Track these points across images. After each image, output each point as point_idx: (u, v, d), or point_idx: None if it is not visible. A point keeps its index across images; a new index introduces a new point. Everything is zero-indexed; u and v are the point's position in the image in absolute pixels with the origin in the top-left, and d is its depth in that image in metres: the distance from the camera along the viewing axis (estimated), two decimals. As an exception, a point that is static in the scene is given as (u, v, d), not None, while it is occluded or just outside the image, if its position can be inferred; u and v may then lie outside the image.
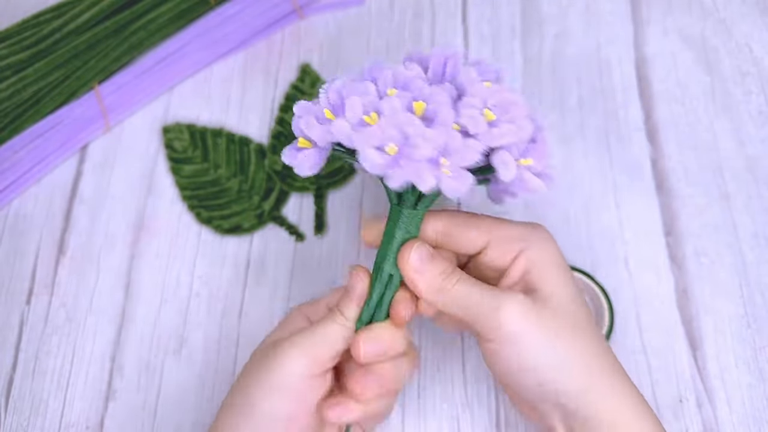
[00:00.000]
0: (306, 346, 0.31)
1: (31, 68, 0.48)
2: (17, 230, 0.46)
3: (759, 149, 0.47)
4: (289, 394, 0.31)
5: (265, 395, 0.31)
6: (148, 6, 0.51)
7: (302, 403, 0.32)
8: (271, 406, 0.31)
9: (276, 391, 0.31)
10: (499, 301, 0.31)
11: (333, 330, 0.32)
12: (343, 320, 0.32)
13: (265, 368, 0.32)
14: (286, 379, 0.31)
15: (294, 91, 0.49)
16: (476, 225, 0.33)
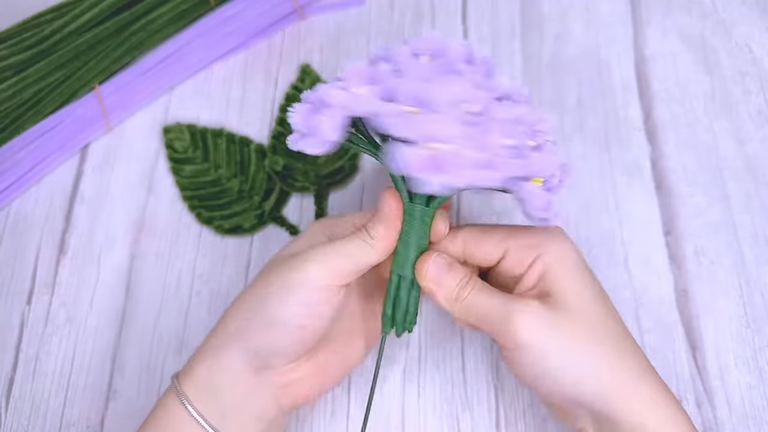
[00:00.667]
0: (329, 257, 0.31)
1: (31, 68, 0.48)
2: (18, 230, 0.46)
3: (758, 149, 0.47)
4: (305, 302, 0.31)
5: (282, 300, 0.31)
6: (148, 6, 0.51)
7: (315, 313, 0.31)
8: (285, 312, 0.31)
9: (292, 296, 0.31)
10: (511, 310, 0.31)
11: (357, 246, 0.32)
12: (369, 239, 0.32)
13: (284, 273, 0.31)
14: (303, 286, 0.31)
15: (294, 92, 0.49)
16: (491, 237, 0.34)
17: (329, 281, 0.31)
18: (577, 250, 0.34)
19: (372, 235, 0.32)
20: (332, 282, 0.31)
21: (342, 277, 0.32)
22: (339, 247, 0.32)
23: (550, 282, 0.32)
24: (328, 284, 0.31)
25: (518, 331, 0.31)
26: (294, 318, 0.31)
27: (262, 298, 0.32)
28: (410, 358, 0.41)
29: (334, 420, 0.40)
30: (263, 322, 0.31)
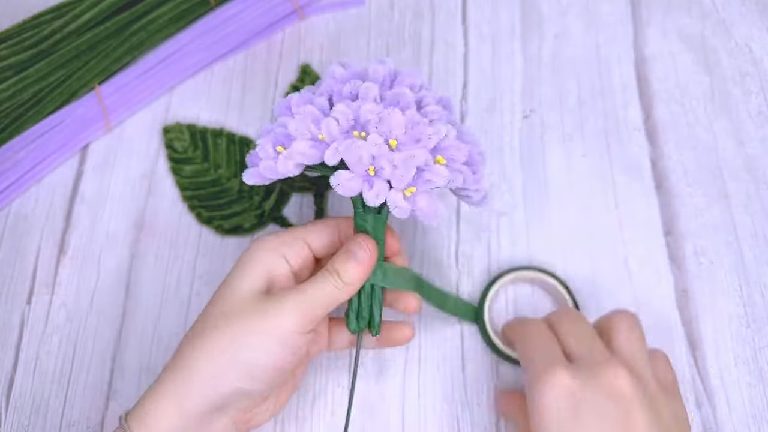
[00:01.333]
0: (303, 306, 0.32)
1: (31, 68, 0.49)
2: (18, 230, 0.46)
3: (758, 149, 0.47)
4: (282, 345, 0.31)
5: (260, 346, 0.31)
6: (148, 6, 0.51)
7: (291, 353, 0.32)
8: (263, 357, 0.31)
9: (271, 343, 0.31)
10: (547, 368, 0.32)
11: (331, 291, 0.32)
12: (341, 284, 0.32)
13: (260, 320, 0.32)
14: (282, 333, 0.31)
15: (294, 92, 0.49)
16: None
17: (305, 327, 0.32)
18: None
19: (346, 281, 0.33)
20: (307, 327, 0.32)
21: (315, 321, 0.33)
22: (311, 294, 0.32)
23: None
24: (304, 330, 0.32)
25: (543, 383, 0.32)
26: (273, 362, 0.32)
27: (237, 343, 0.31)
28: (410, 358, 0.41)
29: (334, 420, 0.40)
30: (241, 367, 0.31)
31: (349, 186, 0.30)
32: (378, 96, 0.32)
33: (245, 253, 0.34)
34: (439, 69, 0.50)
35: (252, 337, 0.31)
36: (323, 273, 0.33)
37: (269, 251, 0.34)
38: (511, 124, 0.48)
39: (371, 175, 0.30)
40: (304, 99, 0.32)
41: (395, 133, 0.30)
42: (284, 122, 0.32)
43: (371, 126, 0.30)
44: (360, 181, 0.30)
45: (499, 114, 0.48)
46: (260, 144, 0.32)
